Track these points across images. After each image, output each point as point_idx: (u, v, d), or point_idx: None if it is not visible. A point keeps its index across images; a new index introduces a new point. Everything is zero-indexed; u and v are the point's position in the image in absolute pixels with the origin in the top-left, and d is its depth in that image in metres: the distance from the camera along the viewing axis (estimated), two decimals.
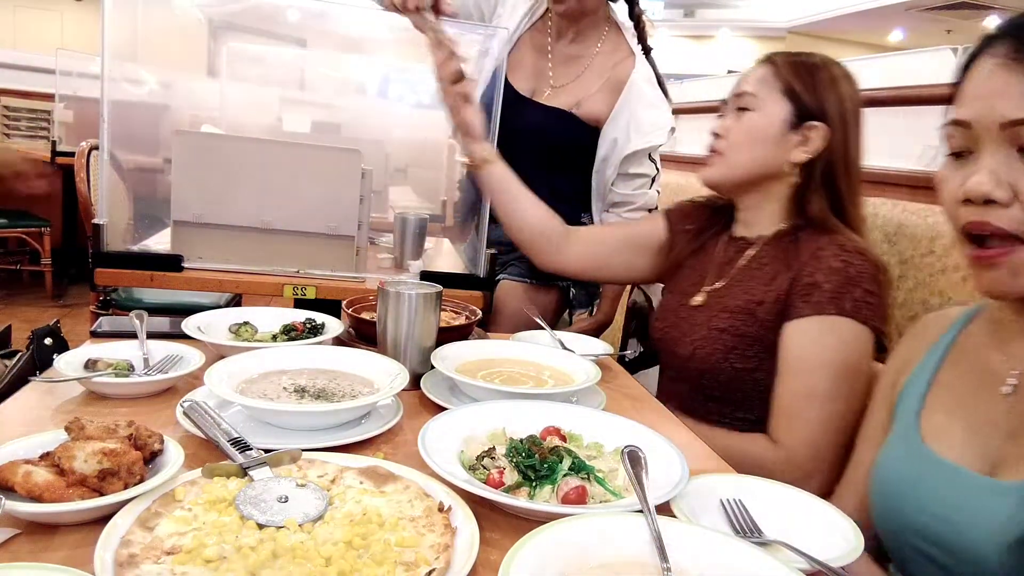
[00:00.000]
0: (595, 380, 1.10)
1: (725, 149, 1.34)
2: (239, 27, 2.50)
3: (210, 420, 0.84)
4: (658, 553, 0.65)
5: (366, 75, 2.59)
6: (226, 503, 0.69)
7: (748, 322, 1.27)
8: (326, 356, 1.10)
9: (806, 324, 1.20)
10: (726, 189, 1.40)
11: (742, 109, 1.33)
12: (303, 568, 0.61)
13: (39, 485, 0.67)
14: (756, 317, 1.26)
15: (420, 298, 1.13)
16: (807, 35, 14.67)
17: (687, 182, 2.36)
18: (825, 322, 1.18)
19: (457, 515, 0.71)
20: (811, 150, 1.27)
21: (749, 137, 1.31)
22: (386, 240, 2.05)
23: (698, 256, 1.45)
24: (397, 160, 2.49)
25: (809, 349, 1.20)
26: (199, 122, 2.29)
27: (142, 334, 1.14)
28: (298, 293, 1.46)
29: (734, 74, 1.71)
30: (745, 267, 1.33)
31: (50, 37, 10.53)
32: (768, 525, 0.77)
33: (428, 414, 0.99)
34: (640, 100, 1.85)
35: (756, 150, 1.31)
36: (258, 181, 1.49)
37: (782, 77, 1.29)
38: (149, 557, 0.60)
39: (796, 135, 1.28)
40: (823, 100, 1.27)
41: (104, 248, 1.42)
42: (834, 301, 1.17)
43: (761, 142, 1.30)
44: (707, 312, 1.34)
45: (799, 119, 1.27)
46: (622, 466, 0.79)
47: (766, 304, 1.25)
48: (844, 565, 0.70)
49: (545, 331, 1.42)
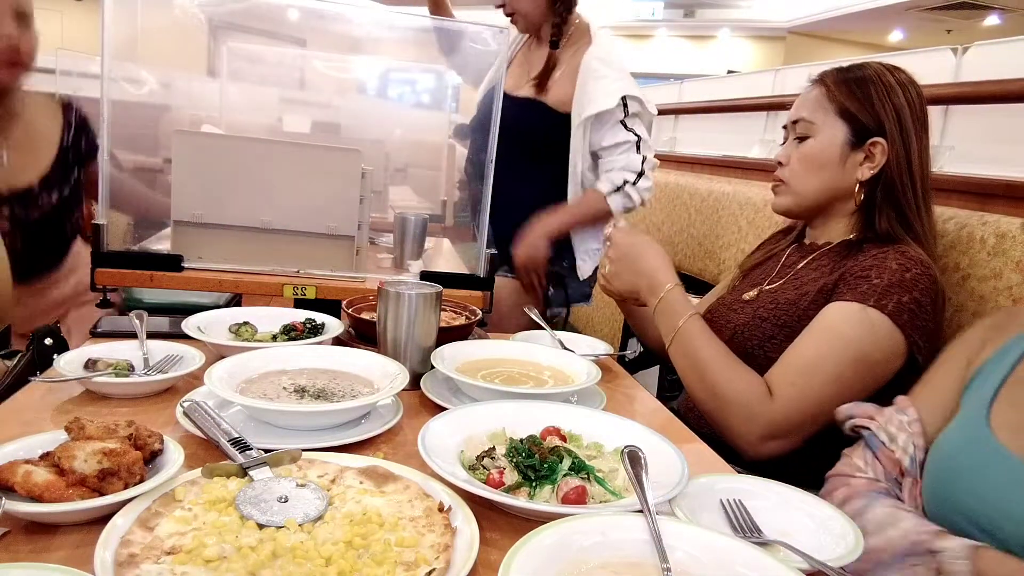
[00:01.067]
0: (595, 380, 1.10)
1: (789, 178, 1.34)
2: (239, 27, 2.50)
3: (210, 420, 0.84)
4: (658, 553, 0.65)
5: (366, 75, 2.59)
6: (226, 503, 0.69)
7: (791, 312, 1.27)
8: (326, 356, 1.10)
9: (846, 306, 1.18)
10: (795, 215, 1.41)
11: (801, 137, 1.32)
12: (303, 568, 0.61)
13: (39, 485, 0.67)
14: (799, 307, 1.26)
15: (420, 298, 1.13)
16: (807, 35, 14.67)
17: (686, 181, 2.36)
18: (863, 311, 1.16)
19: (457, 515, 0.71)
20: (876, 166, 1.26)
21: (812, 164, 1.31)
22: (386, 240, 2.05)
23: (765, 263, 1.46)
24: (397, 160, 2.49)
25: (838, 327, 1.18)
26: (199, 122, 2.29)
27: (142, 334, 1.14)
28: (298, 293, 1.46)
29: (734, 74, 1.71)
30: (803, 268, 1.34)
31: (50, 37, 10.51)
32: (768, 525, 0.77)
33: (428, 414, 0.99)
34: (589, 74, 1.98)
35: (821, 176, 1.30)
36: (258, 181, 1.49)
37: (835, 98, 1.28)
38: (149, 557, 0.60)
39: (859, 153, 1.27)
40: (879, 115, 1.25)
41: (104, 248, 1.42)
42: (879, 296, 1.16)
43: (824, 168, 1.29)
44: (755, 304, 1.35)
45: (859, 138, 1.26)
46: (622, 466, 0.79)
47: (811, 294, 1.25)
48: (844, 565, 0.70)
49: (545, 331, 1.42)
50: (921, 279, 1.17)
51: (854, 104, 1.26)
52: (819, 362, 1.17)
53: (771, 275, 1.40)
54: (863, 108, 1.26)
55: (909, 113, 1.25)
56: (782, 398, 1.17)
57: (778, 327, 1.27)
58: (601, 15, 15.73)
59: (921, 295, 1.16)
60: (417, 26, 2.04)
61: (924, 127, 1.27)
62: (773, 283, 1.37)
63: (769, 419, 1.17)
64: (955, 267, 1.33)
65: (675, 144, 5.15)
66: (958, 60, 4.20)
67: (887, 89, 1.26)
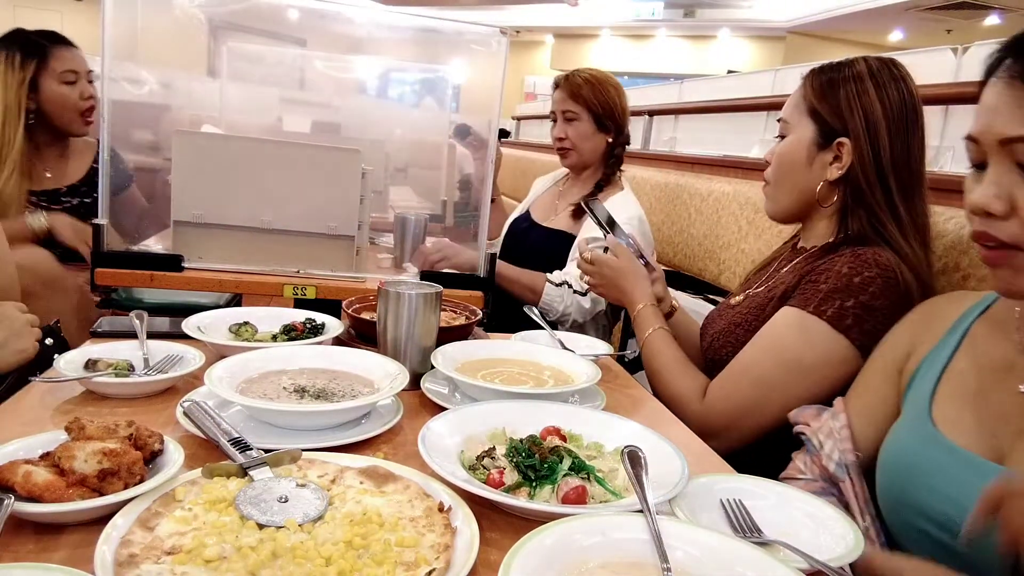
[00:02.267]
0: (595, 380, 1.10)
1: (770, 178, 1.35)
2: (239, 27, 2.50)
3: (210, 420, 0.84)
4: (658, 553, 0.65)
5: (366, 75, 2.59)
6: (226, 503, 0.69)
7: (759, 317, 1.28)
8: (326, 356, 1.10)
9: (789, 312, 1.21)
10: (781, 219, 1.40)
11: (781, 136, 1.33)
12: (303, 568, 0.61)
13: (39, 485, 0.67)
14: (765, 312, 1.27)
15: (420, 298, 1.13)
16: (807, 35, 14.66)
17: (685, 181, 2.36)
18: (801, 317, 1.18)
19: (457, 515, 0.71)
20: (843, 166, 1.25)
21: (783, 164, 1.31)
22: (386, 240, 2.06)
23: (767, 267, 1.47)
24: (397, 160, 2.49)
25: (776, 331, 1.22)
26: (199, 122, 2.29)
27: (142, 334, 1.14)
28: (298, 293, 1.46)
29: (734, 74, 1.71)
30: (783, 273, 1.34)
31: None
32: (768, 525, 0.77)
33: (428, 414, 0.99)
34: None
35: (792, 176, 1.30)
36: (258, 181, 1.49)
37: (807, 98, 1.28)
38: (149, 557, 0.61)
39: (827, 154, 1.26)
40: (844, 114, 1.24)
41: (104, 248, 1.42)
42: (819, 301, 1.17)
43: (793, 167, 1.29)
44: (737, 309, 1.37)
45: (826, 138, 1.26)
46: (622, 466, 0.79)
47: (775, 299, 1.27)
48: (844, 565, 0.70)
49: (545, 331, 1.42)
50: (873, 282, 1.16)
51: (822, 104, 1.26)
52: (750, 366, 1.23)
53: (762, 279, 1.41)
54: (830, 108, 1.25)
55: (885, 111, 1.22)
56: (709, 400, 1.27)
57: (749, 332, 1.29)
58: (601, 15, 15.73)
59: (871, 298, 1.15)
60: (417, 26, 2.04)
61: (910, 125, 1.24)
62: (760, 287, 1.38)
63: (698, 419, 1.24)
64: (955, 267, 1.33)
65: (675, 144, 5.15)
66: (958, 60, 4.19)
67: (859, 88, 1.24)
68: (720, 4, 14.98)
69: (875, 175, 1.23)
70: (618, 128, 2.15)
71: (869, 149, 1.23)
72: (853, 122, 1.23)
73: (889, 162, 1.23)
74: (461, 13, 2.69)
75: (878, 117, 1.23)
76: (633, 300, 1.47)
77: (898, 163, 1.23)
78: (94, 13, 1.32)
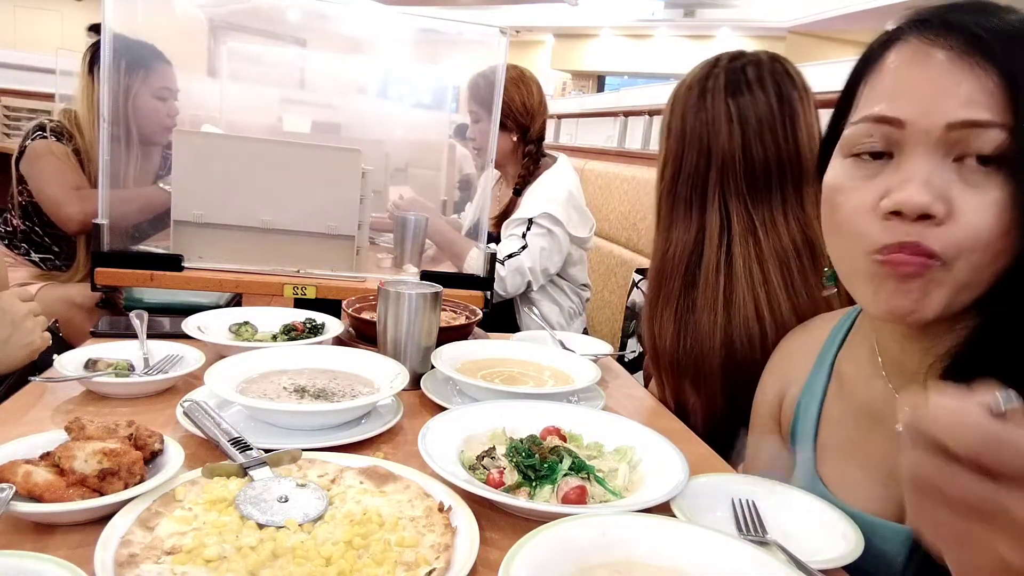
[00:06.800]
0: (595, 380, 1.10)
1: None
2: (239, 27, 2.50)
3: (210, 420, 0.84)
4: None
5: (366, 75, 2.59)
6: (226, 503, 0.69)
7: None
8: (326, 356, 1.10)
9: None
10: None
11: None
12: (303, 568, 0.61)
13: (39, 485, 0.67)
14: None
15: (420, 298, 1.13)
16: (807, 35, 14.66)
17: None
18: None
19: (457, 515, 0.71)
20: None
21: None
22: (386, 240, 2.06)
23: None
24: (397, 160, 2.49)
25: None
26: (199, 122, 2.29)
27: (142, 334, 1.14)
28: (298, 293, 1.46)
29: None
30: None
31: (50, 37, 10.52)
32: (770, 525, 0.77)
33: (428, 414, 0.99)
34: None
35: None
36: (258, 181, 1.49)
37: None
38: (149, 557, 0.60)
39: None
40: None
41: (104, 248, 1.42)
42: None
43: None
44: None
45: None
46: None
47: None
48: (844, 565, 0.70)
49: (545, 331, 1.42)
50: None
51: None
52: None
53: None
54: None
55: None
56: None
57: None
58: (601, 15, 15.73)
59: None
60: (417, 26, 2.04)
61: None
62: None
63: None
64: None
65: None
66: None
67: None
68: (720, 4, 14.97)
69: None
70: (521, 127, 2.15)
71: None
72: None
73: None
74: (461, 13, 2.69)
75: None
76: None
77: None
78: (94, 13, 1.32)
